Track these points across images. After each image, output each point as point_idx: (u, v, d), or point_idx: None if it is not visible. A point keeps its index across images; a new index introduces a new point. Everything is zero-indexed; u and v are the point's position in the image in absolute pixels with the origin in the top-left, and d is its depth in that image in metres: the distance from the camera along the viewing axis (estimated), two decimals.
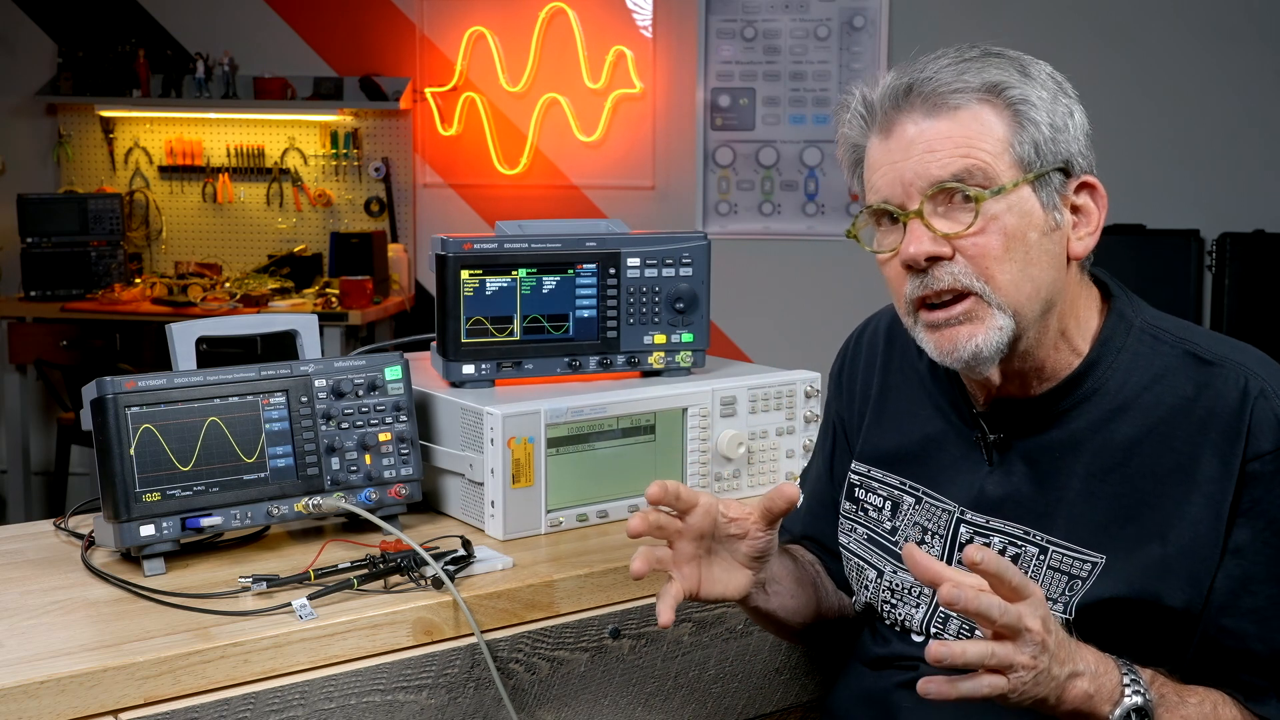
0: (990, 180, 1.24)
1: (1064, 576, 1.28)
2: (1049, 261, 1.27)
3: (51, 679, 1.23)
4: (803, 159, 5.31)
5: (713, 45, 5.30)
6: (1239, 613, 1.23)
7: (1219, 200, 5.03)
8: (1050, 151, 1.26)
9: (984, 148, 1.24)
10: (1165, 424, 1.26)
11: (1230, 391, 1.25)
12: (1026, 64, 1.29)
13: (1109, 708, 1.18)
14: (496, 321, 1.79)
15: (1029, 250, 1.26)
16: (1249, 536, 1.23)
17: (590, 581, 1.55)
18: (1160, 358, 1.29)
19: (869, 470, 1.49)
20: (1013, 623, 1.12)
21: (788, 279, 5.31)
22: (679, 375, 1.87)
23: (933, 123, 1.25)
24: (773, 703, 1.72)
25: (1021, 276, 1.26)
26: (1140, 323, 1.33)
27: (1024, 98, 1.25)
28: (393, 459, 1.63)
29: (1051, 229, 1.27)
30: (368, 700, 1.39)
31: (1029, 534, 1.31)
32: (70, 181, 5.61)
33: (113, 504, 1.47)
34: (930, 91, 1.25)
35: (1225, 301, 4.93)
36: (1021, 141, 1.25)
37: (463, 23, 5.39)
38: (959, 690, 1.13)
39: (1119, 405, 1.29)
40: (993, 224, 1.25)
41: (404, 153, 5.51)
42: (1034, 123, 1.25)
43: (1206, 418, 1.25)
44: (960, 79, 1.25)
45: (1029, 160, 1.25)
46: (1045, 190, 1.26)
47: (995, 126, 1.25)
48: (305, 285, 5.33)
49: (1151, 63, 5.02)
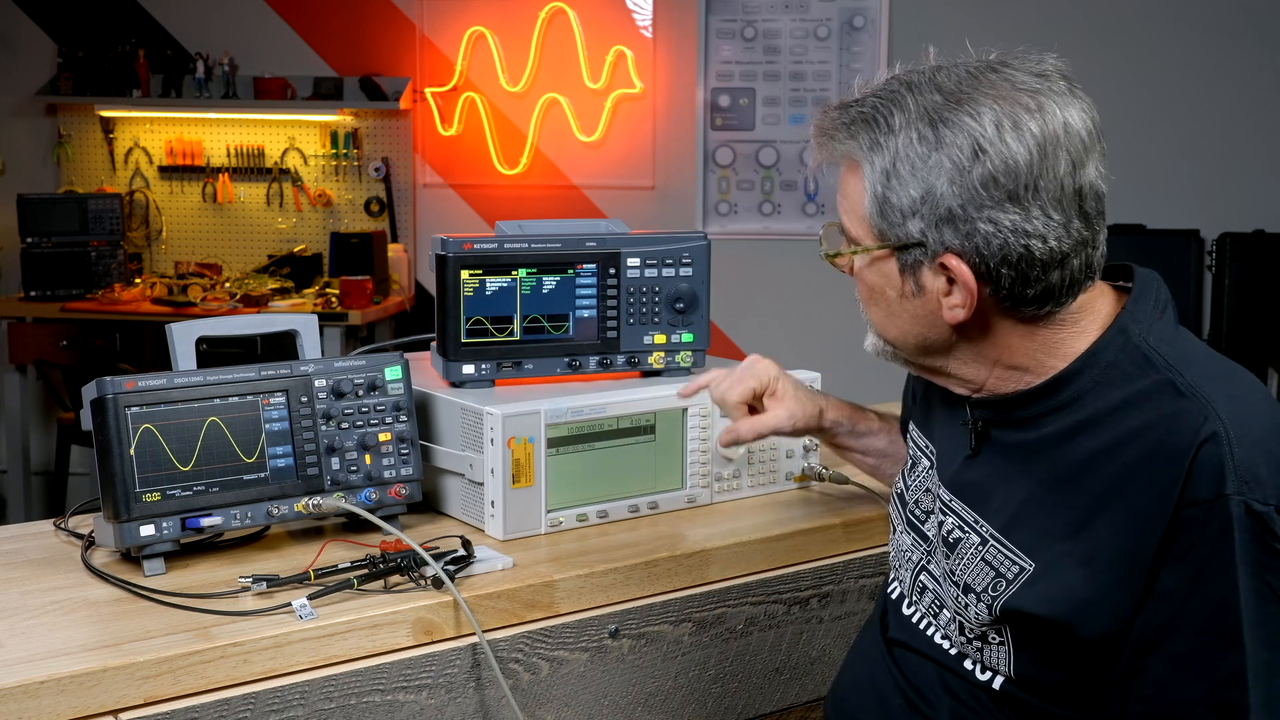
0: (852, 239, 1.29)
1: (992, 571, 1.28)
2: (913, 320, 1.28)
3: (51, 679, 1.23)
4: (803, 159, 5.30)
5: (713, 45, 5.30)
6: (1160, 657, 1.19)
7: (1219, 200, 5.03)
8: (901, 228, 1.23)
9: (848, 208, 1.29)
10: (1123, 448, 1.21)
11: (1185, 429, 1.18)
12: (940, 107, 1.21)
13: None
14: (496, 321, 1.79)
15: (889, 305, 1.30)
16: (1177, 582, 1.18)
17: (590, 581, 1.55)
18: (1143, 381, 1.23)
19: (913, 430, 1.52)
20: None
21: (788, 279, 5.31)
22: (679, 375, 1.87)
23: None
24: (773, 703, 1.72)
25: (886, 322, 1.32)
26: (1140, 340, 1.25)
27: (889, 169, 1.22)
28: (393, 459, 1.63)
29: (911, 294, 1.26)
30: (368, 700, 1.39)
31: (977, 522, 1.32)
32: (70, 181, 5.61)
33: (113, 504, 1.47)
34: (822, 138, 1.29)
35: (1225, 301, 4.93)
36: (873, 214, 1.25)
37: (463, 23, 5.39)
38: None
39: (1089, 419, 1.24)
40: (858, 276, 1.31)
41: (404, 153, 5.51)
42: (884, 200, 1.23)
43: (1155, 451, 1.19)
44: (839, 135, 1.27)
45: (881, 231, 1.25)
46: (905, 257, 1.25)
47: (856, 191, 1.27)
48: (305, 285, 5.33)
49: (1152, 63, 5.02)
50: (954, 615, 1.34)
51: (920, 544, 1.42)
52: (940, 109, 1.20)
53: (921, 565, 1.41)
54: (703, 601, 1.63)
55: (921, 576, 1.41)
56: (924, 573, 1.40)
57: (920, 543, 1.42)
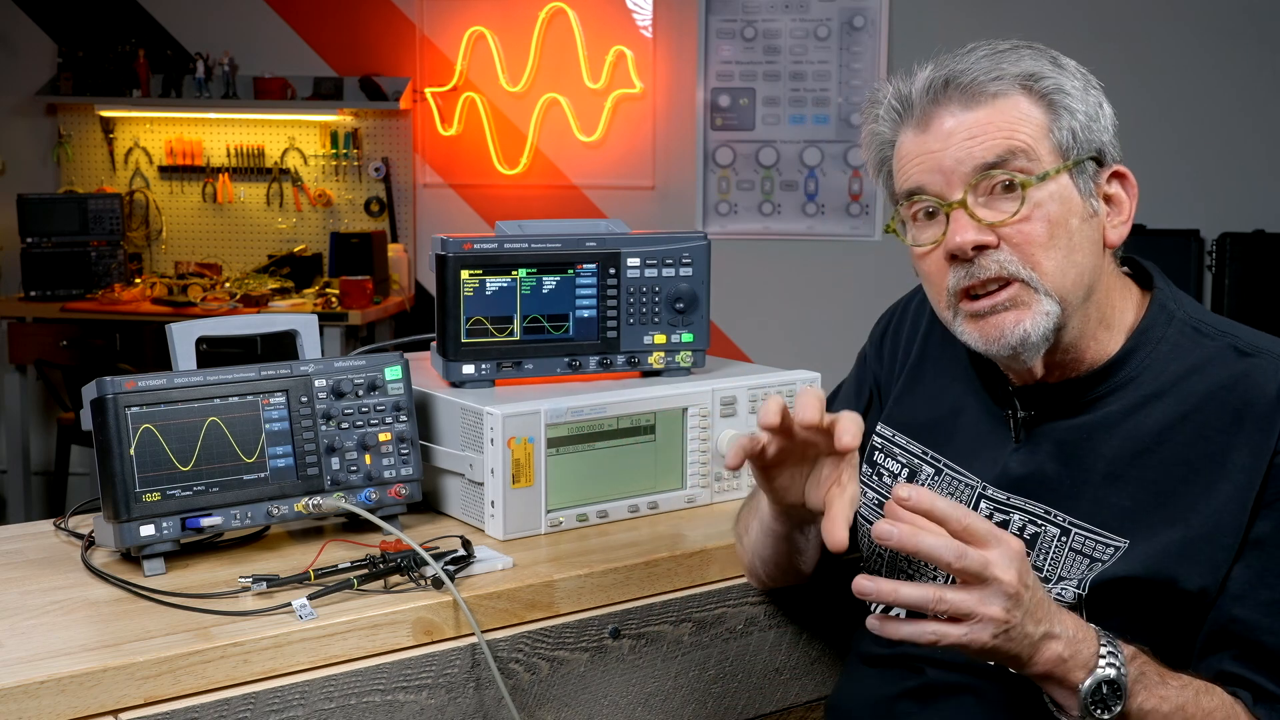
0: (1033, 165, 1.26)
1: (1084, 558, 1.28)
2: (1089, 248, 1.29)
3: (51, 679, 1.23)
4: (803, 159, 5.31)
5: (713, 45, 5.30)
6: (1253, 604, 1.23)
7: (1219, 200, 5.03)
8: (1085, 140, 1.28)
9: (1026, 131, 1.26)
10: (1199, 412, 1.26)
11: (1267, 383, 1.25)
12: (1057, 56, 1.31)
13: (1082, 674, 1.16)
14: (496, 321, 1.79)
15: (1071, 236, 1.27)
16: (1271, 529, 1.23)
17: (590, 581, 1.55)
18: (1201, 349, 1.30)
19: (894, 435, 1.49)
20: (975, 568, 1.10)
21: (788, 279, 5.32)
22: (679, 375, 1.87)
23: (971, 113, 1.27)
24: (773, 703, 1.72)
25: (1066, 263, 1.27)
26: (1183, 315, 1.33)
27: (1059, 87, 1.27)
28: (393, 459, 1.63)
29: (1089, 216, 1.29)
30: (368, 700, 1.39)
31: (1050, 514, 1.31)
32: (70, 181, 5.61)
33: (113, 504, 1.47)
34: (969, 83, 1.27)
35: (1225, 301, 4.93)
36: (1059, 129, 1.27)
37: (463, 23, 5.39)
38: (899, 632, 1.12)
39: (1154, 392, 1.29)
40: (1037, 211, 1.26)
41: (404, 153, 5.51)
42: (1069, 111, 1.27)
43: (1241, 407, 1.25)
44: (997, 68, 1.27)
45: (1066, 147, 1.27)
46: (1082, 178, 1.28)
47: (1033, 114, 1.27)
48: (305, 285, 5.33)
49: (1152, 63, 5.02)
50: None
51: None
52: (1056, 56, 1.32)
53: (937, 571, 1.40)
54: (703, 601, 1.63)
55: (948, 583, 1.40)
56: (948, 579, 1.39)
57: None
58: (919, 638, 1.13)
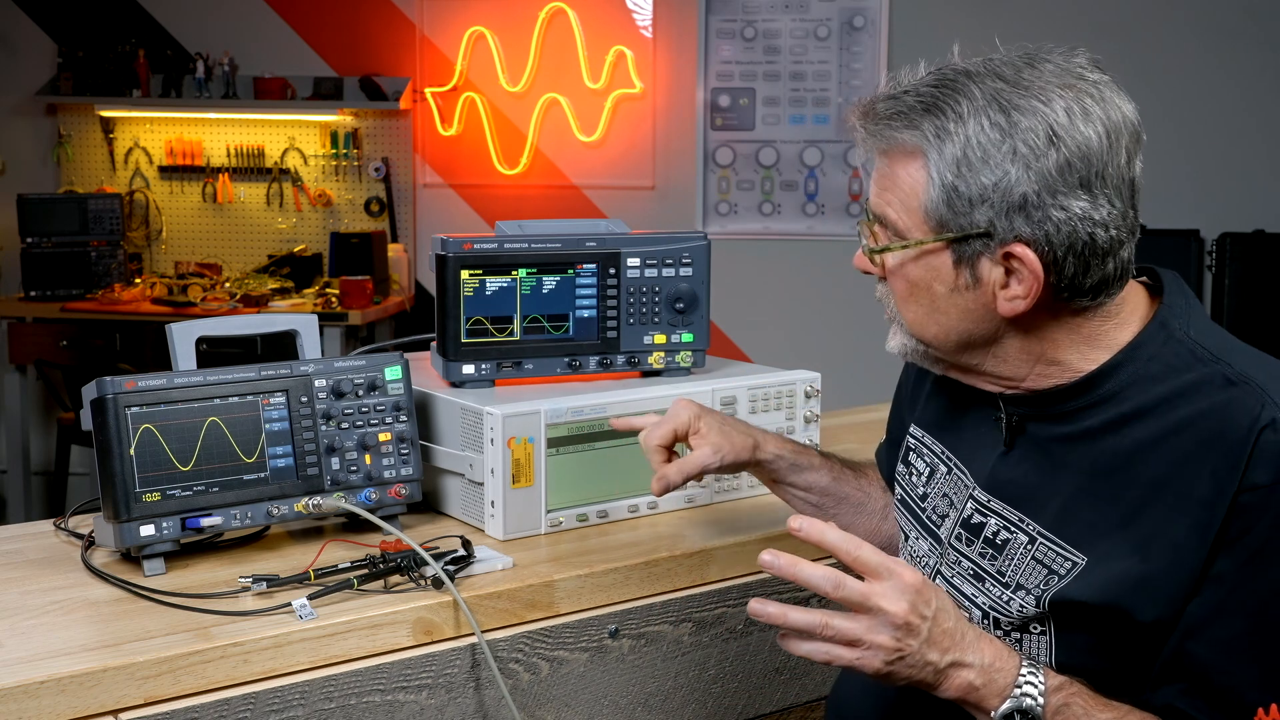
0: (903, 232, 1.26)
1: (1044, 569, 1.28)
2: (962, 315, 1.27)
3: (51, 679, 1.23)
4: (803, 159, 5.31)
5: (713, 45, 5.30)
6: (1207, 641, 1.20)
7: (1219, 200, 5.04)
8: (969, 217, 1.21)
9: (899, 200, 1.25)
10: (1176, 437, 1.23)
11: (1242, 416, 1.20)
12: (1008, 103, 1.20)
13: (996, 701, 1.18)
14: (496, 321, 1.79)
15: (935, 301, 1.27)
16: (1231, 567, 1.19)
17: (590, 581, 1.55)
18: (1192, 373, 1.24)
19: (922, 435, 1.49)
20: (854, 599, 1.15)
21: (788, 279, 5.32)
22: (679, 375, 1.87)
23: (881, 156, 1.27)
24: (773, 703, 1.72)
25: (928, 320, 1.29)
26: (1183, 335, 1.27)
27: (957, 158, 1.21)
28: (393, 459, 1.63)
29: (965, 287, 1.25)
30: (368, 700, 1.39)
31: (1023, 521, 1.31)
32: (70, 181, 5.61)
33: (113, 504, 1.47)
34: (884, 123, 1.25)
35: (1225, 301, 4.93)
36: (934, 204, 1.23)
37: (463, 23, 5.39)
38: (799, 650, 1.19)
39: (1135, 411, 1.25)
40: (899, 270, 1.28)
41: (404, 153, 5.51)
42: (955, 189, 1.21)
43: (1212, 439, 1.20)
44: (913, 115, 1.23)
45: (943, 221, 1.23)
46: (965, 248, 1.23)
47: (916, 182, 1.23)
48: (305, 285, 5.33)
49: (1152, 62, 5.02)
50: (985, 612, 1.33)
51: (936, 548, 1.41)
52: (1009, 95, 1.20)
53: (935, 569, 1.40)
54: (703, 601, 1.63)
55: (935, 580, 1.40)
56: (937, 575, 1.40)
57: (936, 546, 1.41)
58: (814, 655, 1.19)
